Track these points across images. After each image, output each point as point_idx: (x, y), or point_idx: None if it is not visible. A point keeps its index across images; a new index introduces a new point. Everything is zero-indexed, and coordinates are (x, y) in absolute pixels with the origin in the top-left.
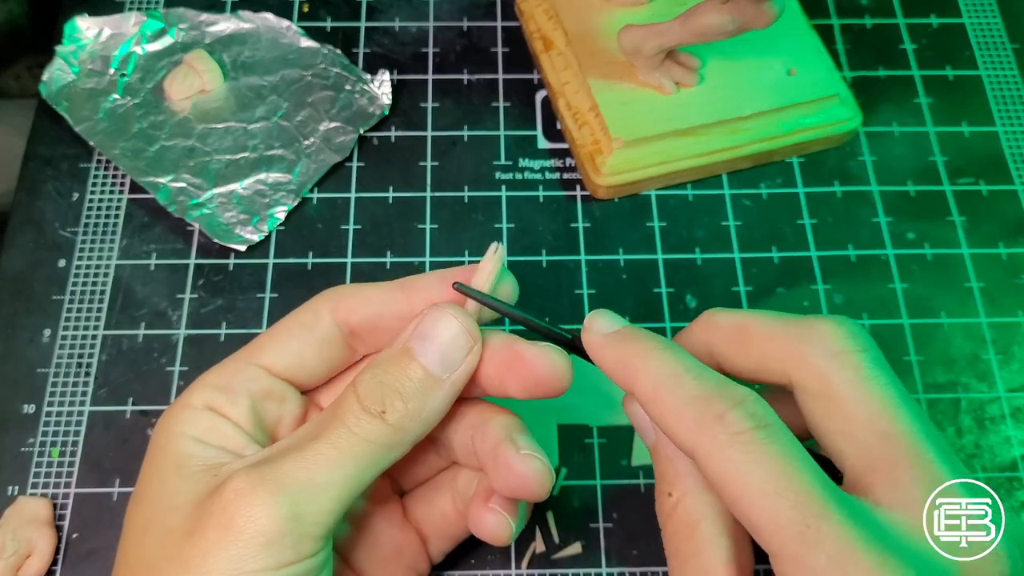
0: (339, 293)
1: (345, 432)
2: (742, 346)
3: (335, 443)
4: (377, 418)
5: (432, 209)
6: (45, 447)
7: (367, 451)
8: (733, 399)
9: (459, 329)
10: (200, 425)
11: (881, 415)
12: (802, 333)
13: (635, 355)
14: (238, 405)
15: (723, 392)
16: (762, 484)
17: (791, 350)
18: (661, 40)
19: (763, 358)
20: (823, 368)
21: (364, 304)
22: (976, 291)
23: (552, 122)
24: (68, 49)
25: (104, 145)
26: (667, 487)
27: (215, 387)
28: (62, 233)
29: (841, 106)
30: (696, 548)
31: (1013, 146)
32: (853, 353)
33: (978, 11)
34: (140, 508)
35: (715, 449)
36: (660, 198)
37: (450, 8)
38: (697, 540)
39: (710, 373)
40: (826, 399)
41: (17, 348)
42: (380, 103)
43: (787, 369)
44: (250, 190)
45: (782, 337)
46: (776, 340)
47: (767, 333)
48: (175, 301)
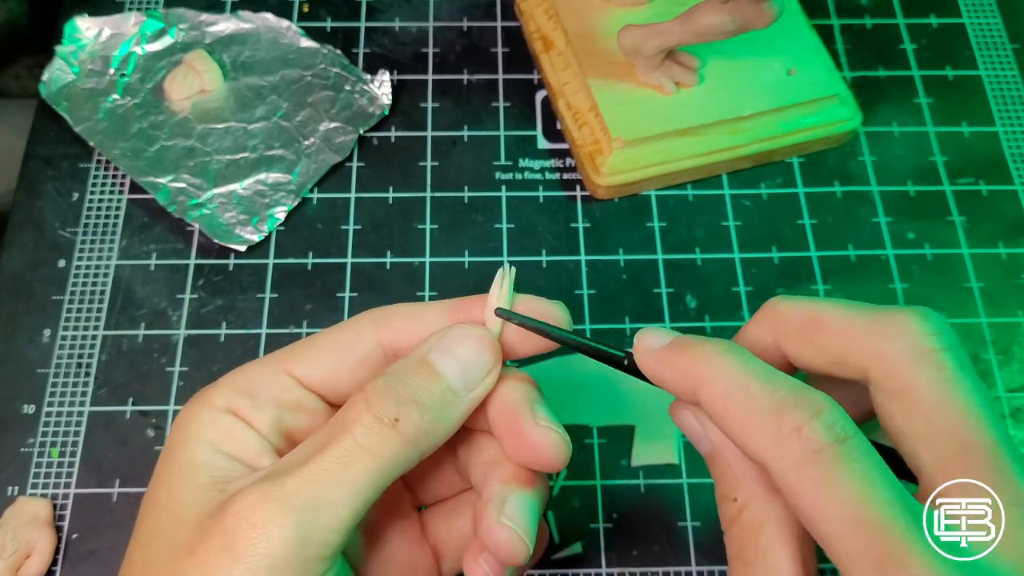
0: (387, 313)
1: (352, 444)
2: (814, 340)
3: (340, 457)
4: (388, 427)
5: (432, 209)
6: (45, 447)
7: (375, 464)
8: (810, 409)
9: (483, 347)
10: (218, 428)
11: (963, 424)
12: (882, 327)
13: (696, 365)
14: (263, 412)
15: (798, 400)
16: (841, 509)
17: (869, 345)
18: (661, 40)
19: (838, 353)
20: (905, 368)
21: (417, 326)
22: (976, 291)
23: (552, 122)
24: (68, 49)
25: (104, 145)
26: (730, 492)
27: (241, 390)
28: (62, 233)
29: (841, 106)
30: (762, 551)
31: (1013, 146)
32: (938, 352)
33: (978, 11)
34: (149, 513)
35: (792, 467)
36: (660, 198)
37: (450, 8)
38: (762, 543)
39: (781, 378)
40: (906, 401)
41: (17, 348)
42: (380, 103)
43: (865, 365)
44: (250, 190)
45: (859, 330)
46: (852, 334)
47: (842, 326)
48: (175, 301)
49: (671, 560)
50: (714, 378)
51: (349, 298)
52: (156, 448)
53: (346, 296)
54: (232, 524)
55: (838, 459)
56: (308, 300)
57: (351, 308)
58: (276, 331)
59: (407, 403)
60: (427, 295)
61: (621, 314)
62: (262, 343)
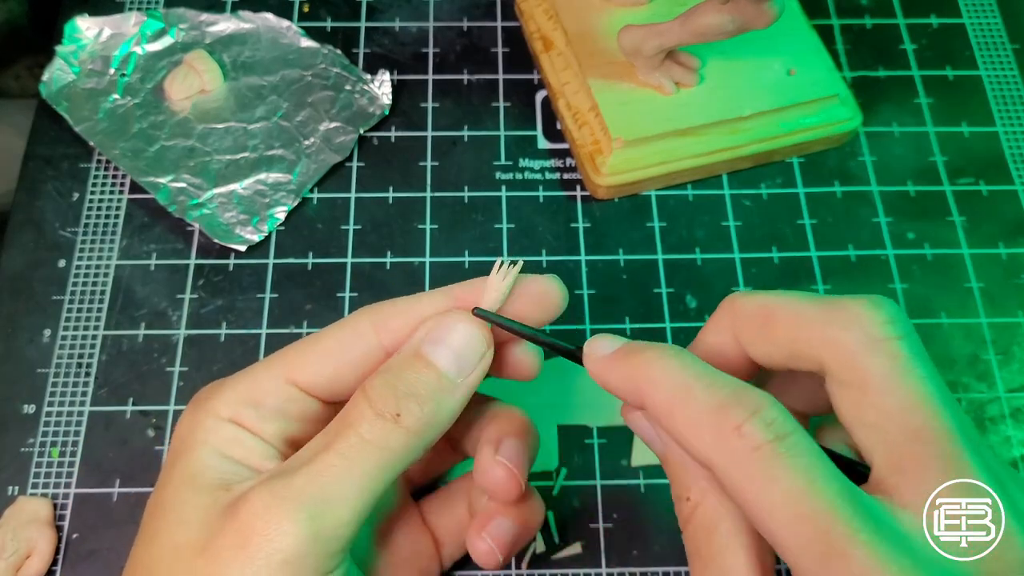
0: (383, 310)
1: (357, 440)
2: (769, 332)
3: (347, 452)
4: (391, 422)
5: (432, 209)
6: (45, 447)
7: (381, 458)
8: (749, 408)
9: (473, 333)
10: (223, 436)
11: (916, 412)
12: (835, 316)
13: (641, 370)
14: (269, 423)
15: (738, 400)
16: (783, 503)
17: (822, 335)
18: (661, 40)
19: (792, 344)
20: (857, 356)
21: (415, 318)
22: (976, 291)
23: (552, 122)
24: (68, 49)
25: (104, 145)
26: (683, 492)
27: (246, 401)
28: (62, 233)
29: (841, 106)
30: (717, 550)
31: (1013, 146)
32: (891, 340)
33: (978, 11)
34: (153, 514)
35: (733, 465)
36: (660, 198)
37: (450, 8)
38: (718, 542)
39: (723, 379)
40: (858, 390)
41: (17, 348)
42: (380, 103)
43: (818, 356)
44: (250, 190)
45: (813, 321)
46: (806, 324)
47: (796, 316)
48: (175, 301)
49: (671, 560)
50: (658, 383)
51: (349, 298)
52: (156, 448)
53: (346, 296)
54: (245, 522)
55: (777, 455)
56: (308, 300)
57: (351, 308)
58: (276, 331)
59: (406, 397)
60: None
61: (621, 314)
62: (262, 343)
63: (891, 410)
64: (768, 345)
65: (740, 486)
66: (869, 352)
